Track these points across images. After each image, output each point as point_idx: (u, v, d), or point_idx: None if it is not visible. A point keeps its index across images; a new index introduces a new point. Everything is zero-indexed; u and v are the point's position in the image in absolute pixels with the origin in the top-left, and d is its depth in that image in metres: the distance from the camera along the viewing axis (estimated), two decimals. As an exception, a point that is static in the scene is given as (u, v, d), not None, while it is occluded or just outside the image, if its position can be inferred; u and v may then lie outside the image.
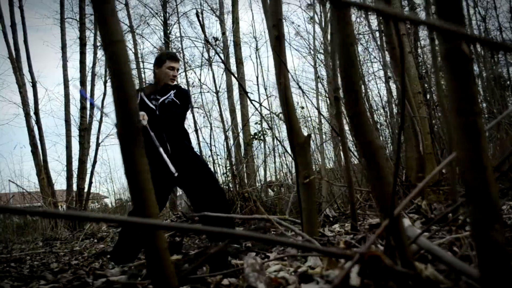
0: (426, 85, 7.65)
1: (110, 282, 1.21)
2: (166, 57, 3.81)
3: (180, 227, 0.59)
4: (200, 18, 7.11)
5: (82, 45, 11.00)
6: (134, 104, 0.65)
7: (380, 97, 9.94)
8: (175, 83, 3.79)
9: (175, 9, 18.12)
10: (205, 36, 6.26)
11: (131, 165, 0.63)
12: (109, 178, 23.24)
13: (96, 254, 3.88)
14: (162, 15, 17.74)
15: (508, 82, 14.53)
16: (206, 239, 4.15)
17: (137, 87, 4.00)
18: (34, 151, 10.54)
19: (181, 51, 18.75)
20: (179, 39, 18.81)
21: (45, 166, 10.65)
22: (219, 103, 7.26)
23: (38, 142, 10.64)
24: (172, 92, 3.69)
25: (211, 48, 6.49)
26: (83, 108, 10.77)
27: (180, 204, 12.65)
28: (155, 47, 18.37)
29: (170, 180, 3.47)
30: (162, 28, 17.73)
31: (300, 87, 5.79)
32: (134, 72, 19.10)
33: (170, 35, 17.80)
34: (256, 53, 11.01)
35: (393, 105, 7.19)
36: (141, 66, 19.32)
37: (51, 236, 8.13)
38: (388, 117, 7.49)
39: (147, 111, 3.51)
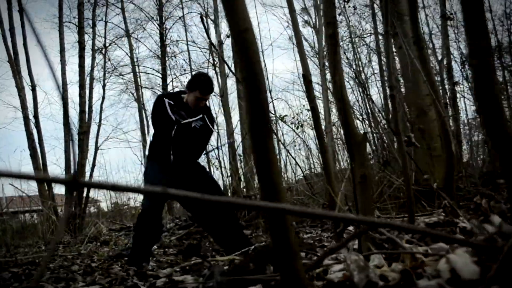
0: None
1: (175, 282, 1.22)
2: (199, 87, 3.50)
3: (312, 212, 0.63)
4: (205, 22, 7.17)
5: (81, 48, 10.98)
6: (265, 94, 0.68)
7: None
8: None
9: (171, 13, 18.18)
10: (209, 40, 6.29)
11: (264, 156, 0.66)
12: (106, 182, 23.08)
13: (113, 257, 3.87)
14: (157, 19, 17.75)
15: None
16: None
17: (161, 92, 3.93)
18: (33, 155, 10.49)
19: (175, 57, 18.83)
20: (174, 43, 18.91)
21: (44, 169, 10.61)
22: (223, 106, 7.29)
23: (38, 145, 10.60)
24: (201, 115, 3.54)
25: (215, 52, 6.52)
26: (82, 112, 10.74)
27: (176, 207, 12.63)
28: (151, 50, 18.38)
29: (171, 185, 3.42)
30: (158, 32, 17.73)
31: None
32: (130, 76, 19.12)
33: (166, 39, 17.81)
34: (261, 55, 11.00)
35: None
36: (137, 71, 19.36)
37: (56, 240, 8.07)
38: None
39: (169, 122, 3.44)
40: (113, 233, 7.82)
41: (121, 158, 40.41)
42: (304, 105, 9.61)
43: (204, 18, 7.28)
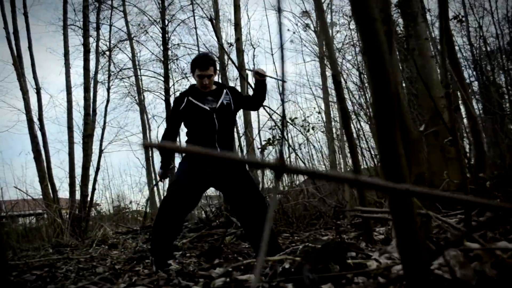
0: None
1: (238, 281, 1.20)
2: (197, 65, 3.50)
3: (448, 196, 0.61)
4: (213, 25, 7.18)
5: (86, 51, 10.98)
6: (394, 87, 0.67)
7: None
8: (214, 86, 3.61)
9: (174, 16, 18.21)
10: (219, 42, 6.29)
11: (392, 150, 0.65)
12: (108, 185, 23.12)
13: (136, 259, 3.84)
14: (160, 22, 17.78)
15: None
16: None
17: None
18: (38, 158, 10.45)
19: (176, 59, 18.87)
20: (176, 46, 18.95)
21: (49, 173, 10.57)
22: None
23: (42, 148, 10.56)
24: (224, 93, 3.55)
25: (225, 54, 6.52)
26: (87, 115, 10.72)
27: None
28: (153, 53, 18.42)
29: (208, 180, 3.40)
30: (160, 35, 17.76)
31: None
32: (132, 79, 19.14)
33: (168, 43, 17.83)
34: (272, 57, 11.02)
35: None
36: (139, 74, 19.38)
37: (59, 243, 8.05)
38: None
39: (200, 113, 3.45)
40: (120, 236, 7.78)
41: (123, 161, 40.37)
42: (314, 108, 9.59)
43: (214, 20, 7.26)
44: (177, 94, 4.95)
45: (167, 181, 4.58)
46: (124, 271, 3.02)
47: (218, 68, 3.76)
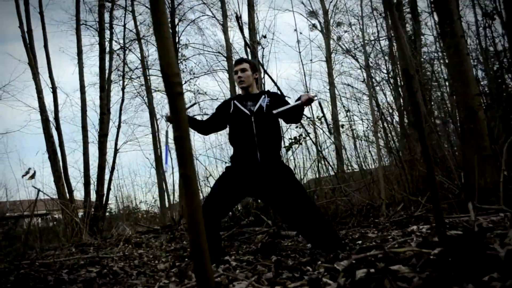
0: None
1: (391, 271, 1.17)
2: (233, 65, 3.63)
3: None
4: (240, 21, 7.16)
5: (102, 50, 10.96)
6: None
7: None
8: (253, 88, 3.59)
9: (183, 16, 18.23)
10: (244, 39, 6.28)
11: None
12: (120, 185, 23.14)
13: (180, 257, 3.82)
14: (169, 22, 17.78)
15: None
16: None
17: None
18: (53, 158, 10.43)
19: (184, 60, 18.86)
20: (184, 47, 18.97)
21: (65, 172, 10.56)
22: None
23: (58, 148, 10.55)
24: (264, 97, 3.52)
25: (250, 51, 6.50)
26: (102, 114, 10.70)
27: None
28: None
29: (247, 188, 3.34)
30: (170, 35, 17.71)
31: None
32: (142, 80, 19.13)
33: (178, 43, 17.85)
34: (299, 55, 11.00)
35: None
36: (147, 74, 19.38)
37: (78, 243, 8.03)
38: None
39: (240, 116, 3.45)
40: (142, 235, 7.76)
41: (132, 162, 40.47)
42: (343, 106, 9.54)
43: (241, 17, 7.25)
44: (188, 94, 4.91)
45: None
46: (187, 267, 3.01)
47: (257, 69, 3.73)
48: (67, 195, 10.48)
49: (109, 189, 11.15)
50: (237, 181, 3.31)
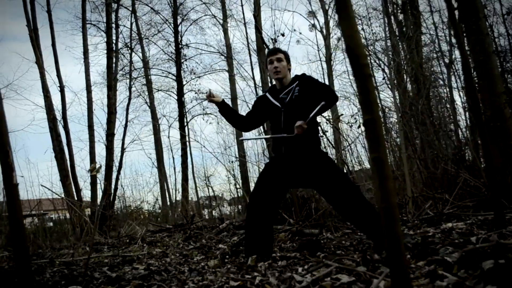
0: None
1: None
2: (266, 56, 3.60)
3: None
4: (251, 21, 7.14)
5: (109, 49, 10.89)
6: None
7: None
8: (285, 76, 3.51)
9: (186, 15, 18.18)
10: (261, 38, 6.25)
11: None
12: (126, 184, 23.03)
13: (230, 254, 3.77)
14: (172, 22, 17.74)
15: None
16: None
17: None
18: (60, 157, 10.36)
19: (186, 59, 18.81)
20: (186, 46, 18.91)
21: (72, 171, 10.49)
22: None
23: (65, 147, 10.48)
24: (295, 86, 3.42)
25: (267, 49, 6.46)
26: (110, 113, 10.64)
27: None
28: (166, 53, 18.33)
29: (285, 181, 3.33)
30: (173, 35, 17.72)
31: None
32: (143, 79, 19.05)
33: (180, 43, 17.79)
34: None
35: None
36: (149, 74, 19.30)
37: (95, 241, 7.96)
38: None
39: (272, 109, 3.46)
40: (156, 234, 7.72)
41: (134, 161, 40.37)
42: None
43: (256, 16, 7.22)
44: (190, 93, 4.89)
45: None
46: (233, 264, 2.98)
47: (290, 60, 3.70)
48: (75, 194, 10.42)
49: (116, 188, 11.09)
50: (273, 173, 3.33)
